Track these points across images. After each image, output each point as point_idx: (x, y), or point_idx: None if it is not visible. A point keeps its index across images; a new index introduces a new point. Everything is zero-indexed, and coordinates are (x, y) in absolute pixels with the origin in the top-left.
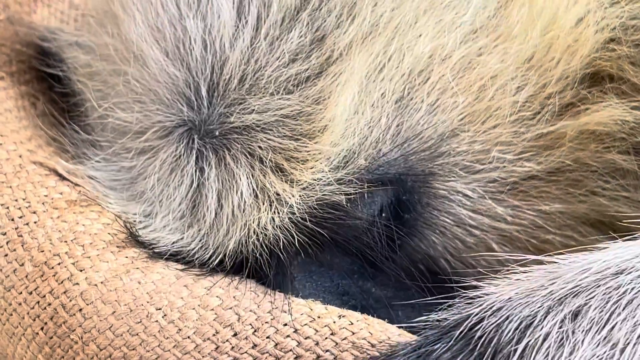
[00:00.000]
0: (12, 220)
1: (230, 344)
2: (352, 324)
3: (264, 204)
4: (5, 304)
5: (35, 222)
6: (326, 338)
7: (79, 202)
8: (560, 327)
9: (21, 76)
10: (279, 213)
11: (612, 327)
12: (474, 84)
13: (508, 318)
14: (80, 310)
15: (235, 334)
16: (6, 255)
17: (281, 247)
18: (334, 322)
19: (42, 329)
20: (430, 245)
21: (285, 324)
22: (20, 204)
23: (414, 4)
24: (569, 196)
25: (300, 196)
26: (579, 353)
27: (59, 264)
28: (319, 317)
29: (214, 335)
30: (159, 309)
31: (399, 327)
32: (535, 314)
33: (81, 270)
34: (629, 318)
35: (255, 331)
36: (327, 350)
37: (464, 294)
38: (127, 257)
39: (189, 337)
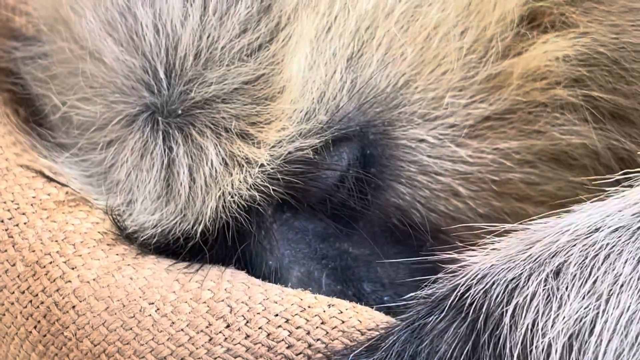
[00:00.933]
0: (2, 221)
1: (224, 335)
2: (341, 312)
3: (234, 168)
4: None
5: (25, 223)
6: (317, 327)
7: (67, 203)
8: (545, 286)
9: (3, 83)
10: (250, 174)
11: (595, 281)
12: (419, 34)
13: (494, 283)
14: (74, 307)
15: (228, 326)
16: None
17: (258, 201)
18: (324, 311)
19: (35, 327)
20: (399, 197)
21: (277, 315)
22: (9, 206)
23: None
24: (523, 134)
25: (270, 155)
26: (567, 307)
27: (50, 262)
28: (309, 307)
29: (207, 327)
30: (152, 303)
31: (386, 307)
32: (519, 276)
33: (73, 269)
34: (609, 271)
35: (247, 322)
36: (318, 339)
37: (447, 268)
38: (117, 254)
39: (182, 329)
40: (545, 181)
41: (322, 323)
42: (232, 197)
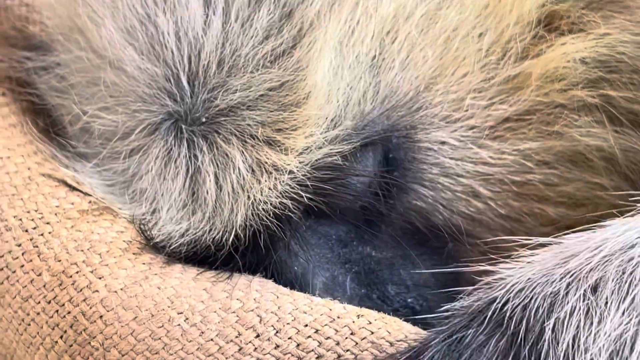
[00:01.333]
0: (27, 231)
1: (253, 345)
2: (370, 323)
3: (262, 175)
4: (22, 314)
5: (50, 233)
6: (346, 338)
7: (90, 212)
8: (584, 301)
9: (19, 93)
10: (280, 181)
11: (634, 297)
12: (439, 37)
13: (532, 298)
14: (101, 317)
15: (257, 336)
16: (22, 266)
17: (290, 208)
18: (353, 322)
19: (61, 337)
20: (422, 199)
21: (306, 325)
22: (32, 216)
23: None
24: (542, 135)
25: (298, 162)
26: (607, 322)
27: (77, 272)
28: (338, 317)
29: (236, 337)
30: (181, 312)
31: (415, 319)
32: (558, 291)
33: (100, 278)
34: None
35: (277, 332)
36: (347, 350)
37: (481, 280)
38: (144, 263)
39: (211, 339)
40: (564, 182)
41: (352, 334)
42: (263, 204)
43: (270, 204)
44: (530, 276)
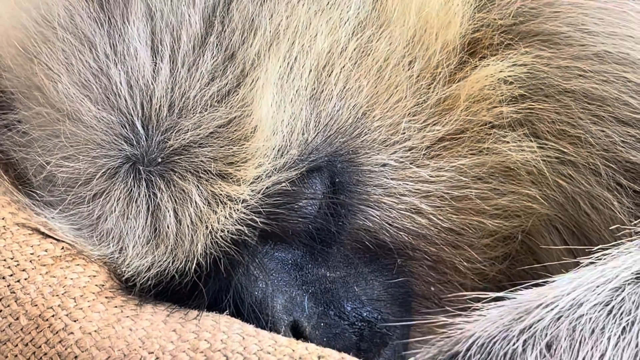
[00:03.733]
0: (3, 278)
1: None
2: None
3: (218, 206)
4: (1, 356)
5: (25, 279)
6: None
7: (63, 258)
8: (541, 358)
9: None
10: (234, 209)
11: (584, 357)
12: (372, 67)
13: (494, 354)
14: (76, 357)
15: None
16: (0, 311)
17: (246, 233)
18: None
19: None
20: (369, 219)
21: None
22: (9, 263)
23: (304, 8)
24: (474, 151)
25: (250, 190)
26: None
27: (53, 316)
28: (300, 358)
29: None
30: (152, 352)
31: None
32: (516, 348)
33: (75, 321)
34: (595, 346)
35: None
36: None
37: (443, 332)
38: (116, 306)
39: None
40: (497, 195)
41: None
42: (220, 232)
43: (227, 231)
44: (490, 331)
